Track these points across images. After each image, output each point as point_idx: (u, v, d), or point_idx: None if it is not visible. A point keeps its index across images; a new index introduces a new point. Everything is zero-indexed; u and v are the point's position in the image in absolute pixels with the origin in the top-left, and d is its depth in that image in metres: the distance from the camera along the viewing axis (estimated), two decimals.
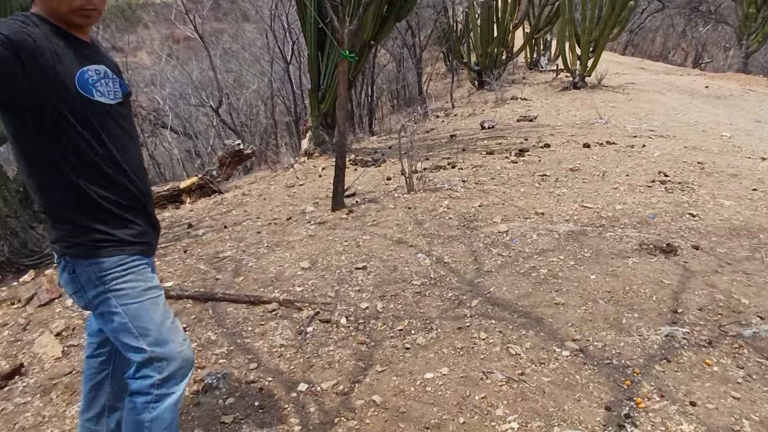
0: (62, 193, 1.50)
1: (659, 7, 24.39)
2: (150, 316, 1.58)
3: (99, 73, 1.50)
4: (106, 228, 1.54)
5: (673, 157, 5.76)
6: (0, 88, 1.33)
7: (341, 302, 3.07)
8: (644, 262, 3.27)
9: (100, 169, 1.53)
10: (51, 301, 3.55)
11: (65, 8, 1.43)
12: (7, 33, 1.31)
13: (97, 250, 1.53)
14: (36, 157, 1.47)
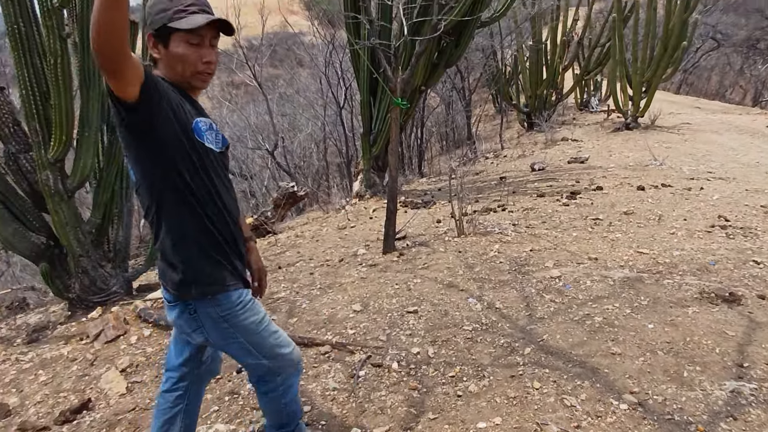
0: (188, 233, 1.65)
1: (714, 46, 23.94)
2: (266, 340, 1.80)
3: (206, 125, 1.67)
4: (223, 267, 1.70)
5: (734, 201, 5.57)
6: (144, 105, 1.45)
7: (393, 346, 3.10)
8: (705, 312, 3.16)
9: (215, 209, 1.69)
10: (117, 337, 3.73)
11: (189, 72, 1.62)
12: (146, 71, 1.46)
13: (217, 288, 1.68)
14: (164, 200, 1.62)
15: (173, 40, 1.58)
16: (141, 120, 1.48)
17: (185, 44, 1.59)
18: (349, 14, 6.01)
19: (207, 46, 1.63)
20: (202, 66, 1.62)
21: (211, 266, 1.67)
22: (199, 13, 1.59)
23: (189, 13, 1.58)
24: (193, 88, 1.68)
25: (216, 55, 1.66)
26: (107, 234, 4.64)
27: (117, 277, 4.63)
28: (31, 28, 3.82)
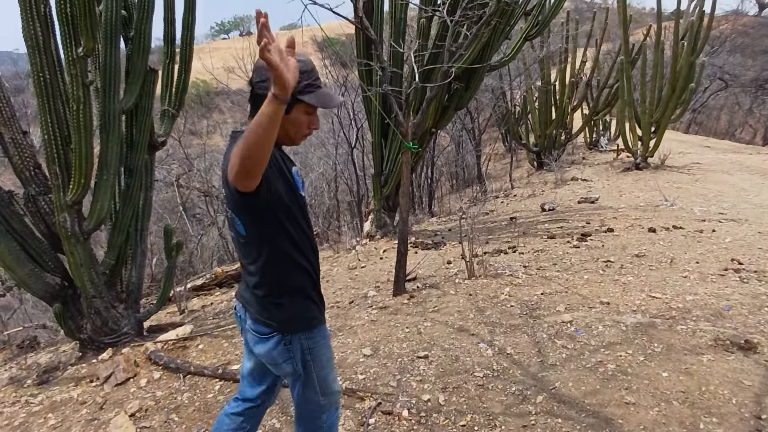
0: (292, 277, 1.85)
1: (722, 86, 24.13)
2: (329, 376, 1.99)
3: (297, 173, 1.87)
4: (315, 303, 1.93)
5: (747, 243, 5.54)
6: (263, 189, 1.62)
7: (403, 393, 3.08)
8: (721, 360, 3.12)
9: (308, 250, 1.88)
10: (126, 380, 3.73)
11: (298, 135, 1.82)
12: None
13: (311, 322, 1.91)
14: (274, 249, 1.79)
15: (296, 108, 1.74)
16: (261, 200, 1.64)
17: (304, 114, 1.77)
18: (362, 61, 6.16)
19: (315, 116, 1.82)
20: (307, 131, 1.82)
21: (308, 304, 1.89)
22: (322, 87, 1.78)
23: (316, 87, 1.75)
24: (289, 144, 1.85)
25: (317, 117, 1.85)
26: (120, 275, 4.69)
27: (129, 318, 4.65)
28: (55, 76, 3.96)
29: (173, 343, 4.28)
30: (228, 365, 3.78)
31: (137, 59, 4.35)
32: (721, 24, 27.71)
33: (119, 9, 4.00)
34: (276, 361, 1.91)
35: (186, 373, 3.62)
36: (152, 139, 4.75)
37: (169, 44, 4.87)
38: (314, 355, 1.91)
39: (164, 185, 14.04)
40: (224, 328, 4.66)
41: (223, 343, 4.24)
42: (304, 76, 1.69)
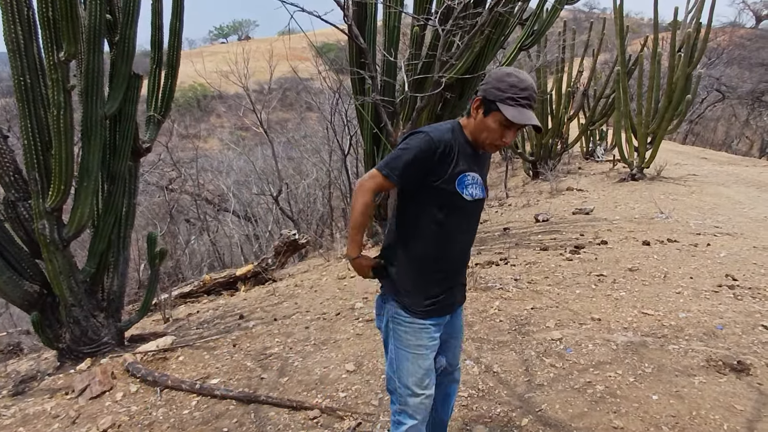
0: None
1: (719, 98, 24.16)
2: (407, 365, 2.05)
3: (474, 179, 1.95)
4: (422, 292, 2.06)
5: (742, 258, 5.46)
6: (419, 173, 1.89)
7: (384, 412, 2.97)
8: (713, 382, 3.03)
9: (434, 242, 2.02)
10: (102, 393, 3.63)
11: (488, 142, 1.91)
12: (433, 135, 1.87)
13: (406, 302, 2.07)
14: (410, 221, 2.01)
15: (493, 115, 1.84)
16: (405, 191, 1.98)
17: (499, 124, 1.85)
18: (353, 69, 6.08)
19: (513, 132, 1.88)
20: (499, 142, 1.90)
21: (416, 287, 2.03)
22: (526, 108, 1.82)
23: (519, 105, 1.80)
24: (479, 145, 1.96)
25: (515, 135, 1.92)
26: (102, 283, 4.58)
27: (109, 327, 4.54)
28: (37, 80, 3.87)
29: (153, 354, 4.17)
30: (207, 378, 3.67)
31: (121, 64, 4.26)
32: (718, 36, 27.78)
33: (103, 13, 3.91)
34: (376, 310, 2.18)
35: (163, 387, 3.52)
36: (136, 145, 4.65)
37: (156, 49, 4.79)
38: (393, 326, 2.04)
39: (157, 189, 13.95)
40: (207, 339, 4.55)
41: (204, 355, 4.14)
42: (512, 89, 1.80)
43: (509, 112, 1.80)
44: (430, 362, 2.06)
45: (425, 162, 1.87)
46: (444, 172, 1.89)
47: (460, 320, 2.25)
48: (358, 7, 6.05)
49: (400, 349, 2.04)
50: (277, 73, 16.91)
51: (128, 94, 4.35)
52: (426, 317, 2.01)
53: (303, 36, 6.17)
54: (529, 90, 1.82)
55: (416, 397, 2.04)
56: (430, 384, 2.05)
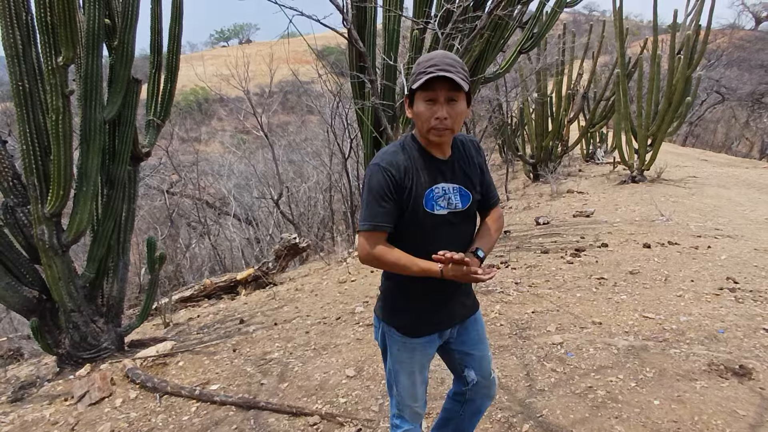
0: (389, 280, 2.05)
1: (719, 100, 24.16)
2: (399, 379, 2.06)
3: (445, 190, 1.86)
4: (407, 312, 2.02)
5: (743, 261, 5.44)
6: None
7: (384, 418, 2.96)
8: (714, 387, 3.01)
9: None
10: (101, 399, 3.61)
11: (425, 128, 1.79)
12: (382, 164, 1.81)
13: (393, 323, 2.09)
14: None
15: (416, 100, 1.79)
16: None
17: (423, 102, 1.76)
18: (353, 73, 6.08)
19: (441, 104, 1.75)
20: (434, 122, 1.76)
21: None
22: (436, 73, 1.71)
23: (427, 74, 1.72)
24: (432, 144, 1.85)
25: (454, 112, 1.77)
26: (101, 288, 4.57)
27: (109, 333, 4.53)
28: (35, 85, 3.87)
29: (153, 359, 4.16)
30: (207, 384, 3.66)
31: (120, 68, 4.26)
32: (717, 38, 27.81)
33: (102, 17, 3.91)
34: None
35: (162, 393, 3.50)
36: (136, 150, 4.65)
37: (155, 54, 4.78)
38: (388, 343, 2.04)
39: (158, 192, 13.94)
40: (207, 344, 4.54)
41: (204, 361, 4.12)
42: (418, 67, 1.76)
43: (417, 83, 1.74)
44: (424, 377, 2.07)
45: (390, 194, 1.80)
46: (408, 196, 1.82)
47: (477, 331, 2.14)
48: (357, 10, 6.05)
49: (395, 364, 2.05)
50: (278, 76, 16.95)
51: (127, 98, 4.35)
52: (417, 336, 1.99)
53: (303, 39, 6.17)
54: (435, 59, 1.74)
55: (410, 407, 2.09)
56: (423, 396, 2.09)
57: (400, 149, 1.86)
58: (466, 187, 1.91)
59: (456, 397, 2.29)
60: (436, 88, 1.73)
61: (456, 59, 1.78)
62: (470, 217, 1.96)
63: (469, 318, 2.10)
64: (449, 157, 1.91)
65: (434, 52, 1.80)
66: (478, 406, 2.28)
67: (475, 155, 2.00)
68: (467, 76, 1.78)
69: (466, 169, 1.94)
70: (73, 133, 3.93)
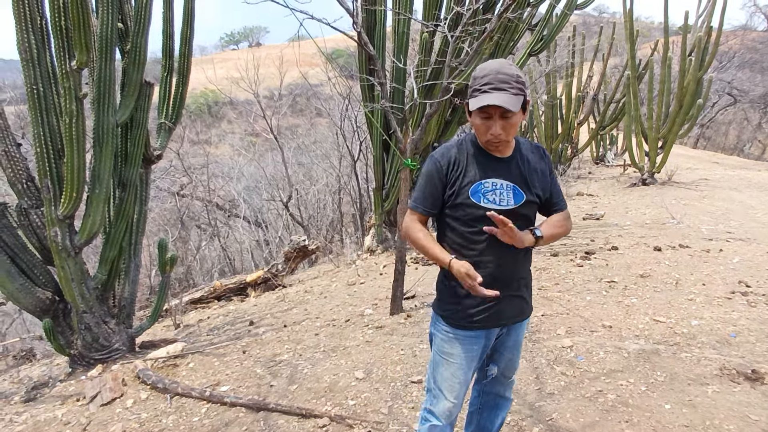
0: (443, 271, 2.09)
1: (730, 102, 23.96)
2: (439, 370, 2.10)
3: (496, 186, 1.94)
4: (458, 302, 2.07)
5: (755, 264, 5.39)
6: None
7: (394, 420, 2.96)
8: (726, 391, 2.99)
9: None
10: (113, 400, 3.64)
11: (482, 140, 1.93)
12: (437, 155, 1.99)
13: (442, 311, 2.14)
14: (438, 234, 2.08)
15: (473, 112, 1.87)
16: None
17: (479, 117, 1.86)
18: (363, 76, 6.10)
19: (495, 120, 1.84)
20: (489, 136, 1.88)
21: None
22: (491, 92, 1.79)
23: (481, 92, 1.81)
24: (493, 150, 1.96)
25: (508, 125, 1.86)
26: (113, 290, 4.61)
27: (120, 334, 4.57)
28: (49, 88, 3.92)
29: (163, 360, 4.19)
30: (217, 385, 3.68)
31: (133, 72, 4.30)
32: (729, 39, 27.59)
33: (115, 22, 3.96)
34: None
35: (173, 394, 3.53)
36: (147, 153, 4.69)
37: (167, 57, 4.83)
38: (434, 332, 2.13)
39: (169, 195, 14.04)
40: (217, 346, 4.56)
41: (214, 362, 4.15)
42: (474, 82, 1.85)
43: (472, 104, 1.83)
44: (464, 373, 2.06)
45: (437, 182, 1.96)
46: (455, 186, 1.94)
47: (517, 336, 2.18)
48: (367, 13, 6.07)
49: (436, 354, 2.10)
50: (288, 79, 17.01)
51: (139, 102, 4.39)
52: (463, 329, 2.03)
53: (313, 42, 6.20)
54: (489, 75, 1.81)
55: (445, 401, 2.07)
56: (460, 394, 2.07)
57: (455, 145, 2.00)
58: (520, 187, 1.97)
59: (474, 390, 2.34)
60: (490, 107, 1.81)
61: (510, 72, 1.82)
62: (522, 218, 1.98)
63: (521, 323, 2.15)
64: (508, 156, 1.99)
65: (489, 63, 1.87)
66: (495, 403, 2.32)
67: (539, 160, 2.05)
68: (523, 87, 1.84)
69: (524, 170, 1.99)
70: (86, 136, 3.98)
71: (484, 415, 2.34)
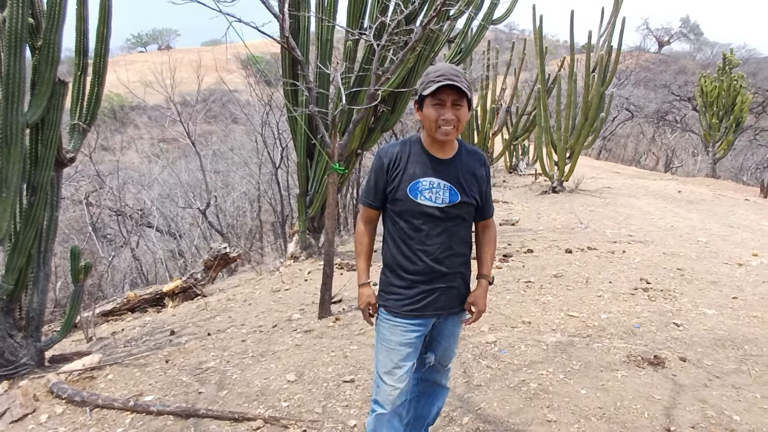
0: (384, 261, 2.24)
1: (628, 117, 25.92)
2: (379, 355, 2.23)
3: (433, 185, 2.08)
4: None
5: (653, 264, 5.90)
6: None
7: (329, 419, 2.99)
8: (633, 376, 3.26)
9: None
10: (25, 416, 3.40)
11: (432, 128, 2.03)
12: (381, 153, 2.16)
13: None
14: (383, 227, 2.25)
15: (425, 105, 2.03)
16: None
17: (432, 107, 2.01)
18: (287, 81, 6.09)
19: (447, 108, 2.00)
20: (441, 122, 2.01)
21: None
22: (446, 81, 1.95)
23: (436, 82, 1.96)
24: (436, 143, 2.10)
25: (458, 114, 2.02)
26: (20, 301, 4.30)
27: (28, 348, 4.26)
28: None
29: (79, 373, 3.96)
30: (140, 396, 3.53)
31: (45, 70, 4.06)
32: (626, 59, 29.88)
33: (26, 16, 3.73)
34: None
35: (93, 407, 3.35)
36: (60, 155, 4.43)
37: (81, 56, 4.59)
38: (378, 321, 2.25)
39: (71, 203, 13.20)
40: (137, 356, 4.37)
41: (135, 372, 3.97)
42: (427, 77, 2.01)
43: (426, 91, 1.99)
44: (403, 359, 2.16)
45: (380, 178, 2.12)
46: (394, 182, 2.10)
47: (453, 326, 2.31)
48: (292, 19, 6.07)
49: (378, 342, 2.23)
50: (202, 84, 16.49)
51: (52, 101, 4.15)
52: (402, 317, 2.15)
53: (227, 48, 6.10)
54: (443, 70, 2.00)
55: (384, 385, 2.17)
56: (400, 379, 2.16)
57: (399, 144, 2.17)
58: (456, 188, 2.11)
59: (413, 379, 2.38)
60: (444, 94, 1.98)
61: (459, 71, 2.04)
62: (459, 218, 2.14)
63: (457, 314, 2.28)
64: (449, 158, 2.14)
65: (440, 64, 2.09)
66: (431, 390, 2.43)
67: (478, 166, 2.21)
68: (469, 87, 2.04)
69: (461, 174, 2.14)
70: None
71: (422, 402, 2.43)
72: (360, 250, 2.24)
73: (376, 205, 2.17)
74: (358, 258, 2.24)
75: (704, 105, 18.40)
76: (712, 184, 15.65)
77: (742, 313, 4.35)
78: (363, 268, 2.23)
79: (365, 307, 2.24)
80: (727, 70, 17.97)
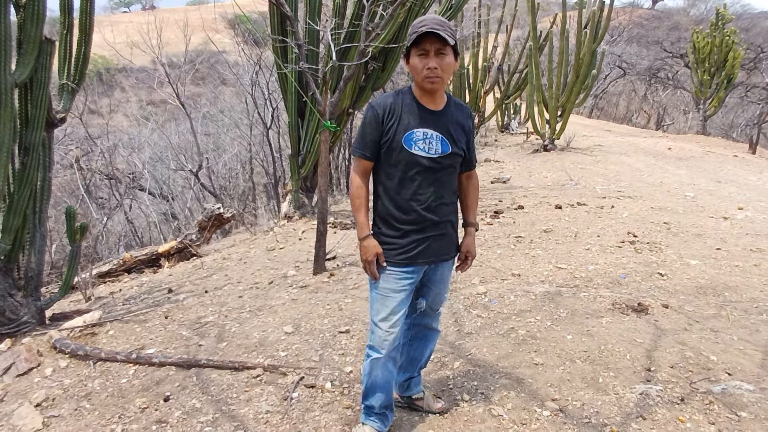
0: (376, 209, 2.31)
1: (620, 74, 25.76)
2: (374, 303, 2.30)
3: (426, 135, 2.14)
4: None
5: (641, 218, 6.02)
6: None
7: (326, 366, 3.11)
8: (617, 322, 3.40)
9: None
10: (29, 370, 3.51)
11: (420, 78, 2.09)
12: (374, 104, 2.18)
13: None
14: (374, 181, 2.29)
15: (411, 56, 2.09)
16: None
17: (417, 57, 2.07)
18: (276, 38, 6.02)
19: (431, 56, 2.04)
20: (426, 71, 2.05)
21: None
22: (425, 30, 1.99)
23: (418, 34, 2.00)
24: (426, 93, 2.15)
25: (443, 63, 2.06)
26: (18, 261, 4.36)
27: (28, 306, 4.35)
28: None
29: (80, 330, 4.06)
30: (142, 350, 3.64)
31: (31, 28, 4.02)
32: (619, 15, 29.52)
33: None
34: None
35: (96, 360, 3.46)
36: (50, 116, 4.42)
37: (66, 13, 4.52)
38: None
39: (62, 167, 13.11)
40: (136, 313, 4.47)
41: (135, 328, 4.08)
42: (413, 28, 2.04)
43: (411, 41, 2.05)
44: (397, 305, 2.24)
45: (375, 129, 2.15)
46: (389, 133, 2.14)
47: (444, 272, 2.39)
48: None
49: (372, 289, 2.30)
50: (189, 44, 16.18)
51: (40, 60, 4.12)
52: (395, 265, 2.23)
53: (213, 7, 6.00)
54: (426, 20, 2.04)
55: (379, 329, 2.26)
56: (394, 324, 2.25)
57: (393, 95, 2.20)
58: (447, 139, 2.18)
59: (405, 324, 2.47)
60: (427, 43, 2.02)
61: (443, 20, 2.07)
62: (449, 168, 2.23)
63: (447, 260, 2.36)
64: (440, 109, 2.20)
65: (426, 15, 2.13)
66: (424, 334, 2.53)
67: (466, 118, 2.29)
68: (453, 34, 2.06)
69: (451, 125, 2.21)
70: None
71: (414, 345, 2.54)
72: (359, 203, 2.23)
73: (370, 156, 2.20)
74: (358, 212, 2.24)
75: (696, 61, 18.33)
76: (702, 141, 15.75)
77: (724, 263, 4.49)
78: (364, 221, 2.23)
79: (373, 258, 2.22)
80: (720, 25, 17.83)
